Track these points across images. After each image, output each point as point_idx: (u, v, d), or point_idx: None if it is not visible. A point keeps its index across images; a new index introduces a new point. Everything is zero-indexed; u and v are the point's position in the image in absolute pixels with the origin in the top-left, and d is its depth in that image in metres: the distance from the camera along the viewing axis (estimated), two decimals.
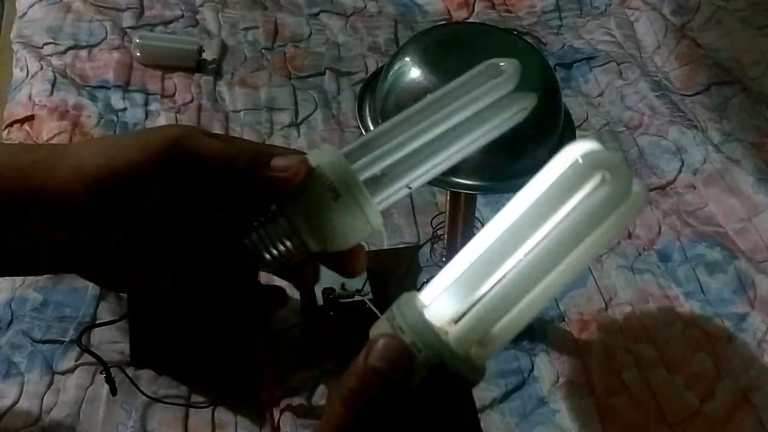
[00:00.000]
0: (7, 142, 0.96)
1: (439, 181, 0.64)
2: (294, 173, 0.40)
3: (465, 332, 0.37)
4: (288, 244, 0.41)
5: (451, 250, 0.76)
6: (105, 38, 1.13)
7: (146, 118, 1.02)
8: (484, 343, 0.38)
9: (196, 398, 0.72)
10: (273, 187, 0.40)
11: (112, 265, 0.42)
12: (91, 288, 0.79)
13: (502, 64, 0.45)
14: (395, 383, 0.37)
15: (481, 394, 0.74)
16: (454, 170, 0.63)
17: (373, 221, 0.42)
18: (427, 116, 0.43)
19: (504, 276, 0.38)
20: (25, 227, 0.39)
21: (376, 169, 0.42)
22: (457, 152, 0.44)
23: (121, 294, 0.79)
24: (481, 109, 0.44)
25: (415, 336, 0.37)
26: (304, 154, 0.41)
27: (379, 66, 0.80)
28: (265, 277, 0.48)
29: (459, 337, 0.37)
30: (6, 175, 0.39)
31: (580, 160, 0.37)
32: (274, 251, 0.42)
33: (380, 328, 0.39)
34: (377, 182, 0.42)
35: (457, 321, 0.38)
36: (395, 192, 0.43)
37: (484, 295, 0.38)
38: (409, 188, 0.43)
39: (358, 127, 0.68)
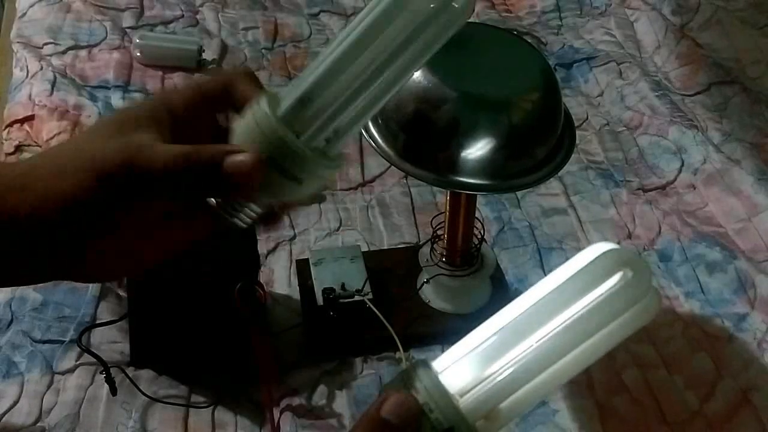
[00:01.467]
0: (8, 142, 0.96)
1: (439, 181, 0.64)
2: (251, 176, 0.40)
3: (476, 403, 0.39)
4: (254, 208, 0.43)
5: (451, 250, 0.76)
6: (105, 38, 1.13)
7: None
8: (491, 418, 0.40)
9: (196, 398, 0.72)
10: (232, 190, 0.41)
11: (99, 266, 0.42)
12: (91, 288, 0.79)
13: None
14: None
15: None
16: (454, 170, 0.63)
17: (321, 174, 0.41)
18: (347, 47, 0.41)
19: (518, 357, 0.39)
20: (5, 247, 0.39)
21: (327, 134, 0.41)
22: (394, 76, 0.41)
23: (120, 294, 0.79)
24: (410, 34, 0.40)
25: (429, 397, 0.39)
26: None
27: None
28: None
29: (470, 406, 0.39)
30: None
31: (605, 255, 0.39)
32: (246, 218, 0.43)
33: (394, 385, 0.41)
34: (315, 123, 0.41)
35: (467, 392, 0.39)
36: (344, 128, 0.42)
37: (497, 372, 0.39)
38: (357, 123, 0.42)
39: None
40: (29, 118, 0.99)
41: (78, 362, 0.73)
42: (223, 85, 0.42)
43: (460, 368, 0.40)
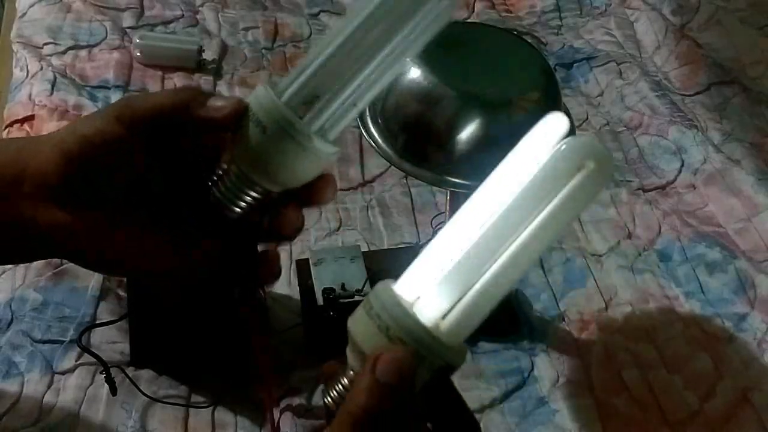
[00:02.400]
0: None
1: (439, 181, 0.64)
2: (229, 111, 0.40)
3: (459, 328, 0.38)
4: (247, 191, 0.41)
5: None
6: (105, 38, 1.13)
7: None
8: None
9: (196, 398, 0.72)
10: (211, 124, 0.41)
11: (105, 242, 0.42)
12: (91, 288, 0.79)
13: None
14: (405, 394, 0.37)
15: (481, 394, 0.74)
16: (454, 170, 0.63)
17: (317, 147, 0.40)
18: (347, 27, 0.40)
19: (488, 271, 0.38)
20: (15, 210, 0.41)
21: (305, 92, 0.40)
22: (390, 56, 0.41)
23: (120, 294, 0.79)
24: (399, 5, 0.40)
25: (418, 344, 0.37)
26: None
27: None
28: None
29: (453, 335, 0.38)
30: None
31: (564, 147, 0.38)
32: (240, 202, 0.42)
33: (371, 336, 0.39)
34: (313, 105, 0.41)
35: (445, 316, 0.38)
36: (340, 112, 0.41)
37: (472, 289, 0.38)
38: (355, 105, 0.41)
39: (358, 127, 0.68)
40: (29, 118, 0.99)
41: (78, 362, 0.73)
42: (174, 109, 0.42)
43: (432, 295, 0.38)
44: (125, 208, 0.42)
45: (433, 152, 0.63)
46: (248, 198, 0.42)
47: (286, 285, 0.82)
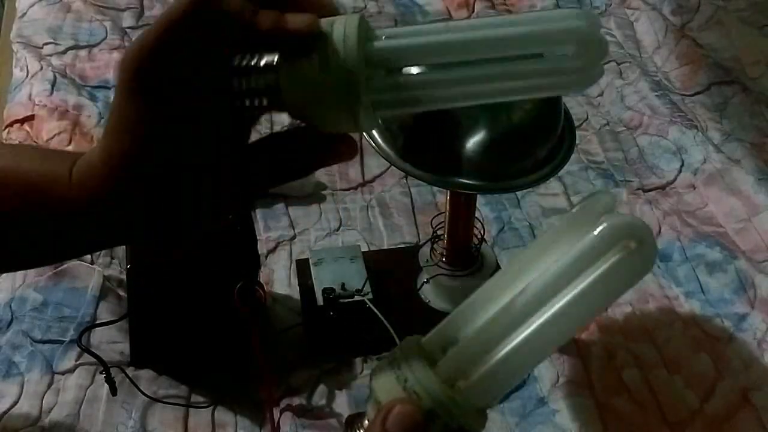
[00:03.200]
0: (7, 142, 0.96)
1: (439, 181, 0.64)
2: (306, 28, 0.36)
3: (479, 392, 0.38)
4: (269, 102, 0.38)
5: (451, 250, 0.76)
6: (105, 38, 1.13)
7: None
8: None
9: (196, 398, 0.72)
10: (282, 39, 0.37)
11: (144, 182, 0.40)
12: (91, 288, 0.79)
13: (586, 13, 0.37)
14: None
15: None
16: (454, 170, 0.63)
17: (360, 119, 0.36)
18: (480, 31, 0.36)
19: (518, 338, 0.38)
20: (61, 193, 0.40)
21: (394, 62, 0.36)
22: (492, 92, 0.37)
23: (120, 294, 0.79)
24: (545, 54, 0.37)
25: (434, 403, 0.37)
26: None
27: None
28: None
29: (472, 397, 0.38)
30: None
31: (609, 228, 0.37)
32: (255, 100, 0.38)
33: (389, 386, 0.38)
34: (390, 78, 0.37)
35: (466, 380, 0.38)
36: (406, 100, 0.38)
37: (495, 355, 0.38)
38: (420, 103, 0.38)
39: None
40: (29, 118, 0.99)
41: (78, 362, 0.73)
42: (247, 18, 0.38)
43: (455, 356, 0.38)
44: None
45: (433, 152, 0.63)
46: (263, 103, 0.38)
47: (286, 285, 0.82)
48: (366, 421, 0.40)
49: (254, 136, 0.43)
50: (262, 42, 0.38)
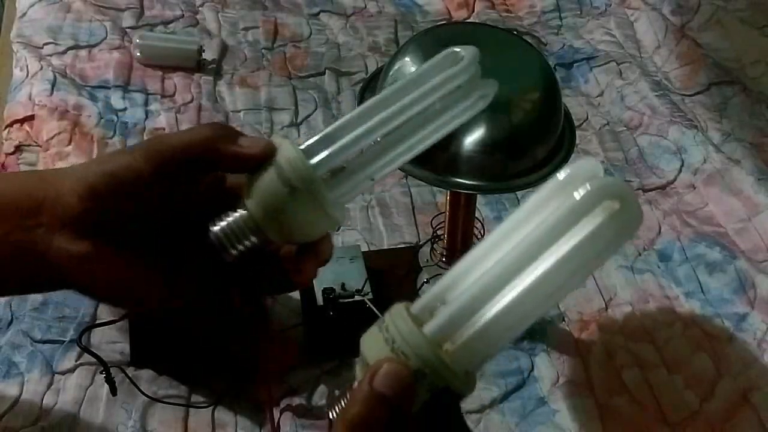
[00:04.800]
0: (8, 142, 0.96)
1: (439, 181, 0.64)
2: (258, 150, 0.42)
3: (466, 353, 0.38)
4: (250, 237, 0.43)
5: (451, 250, 0.76)
6: (105, 38, 1.13)
7: (146, 118, 1.02)
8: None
9: (196, 398, 0.72)
10: (240, 160, 0.43)
11: (115, 273, 0.43)
12: None
13: (458, 50, 0.45)
14: (401, 409, 0.37)
15: (481, 394, 0.74)
16: (454, 170, 0.63)
17: (332, 214, 0.42)
18: (386, 107, 0.43)
19: (505, 298, 0.38)
20: (31, 239, 0.42)
21: (334, 161, 0.42)
22: (418, 142, 0.44)
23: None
24: (440, 97, 0.44)
25: (421, 362, 0.37)
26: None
27: (379, 66, 0.80)
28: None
29: (459, 359, 0.38)
30: (13, 193, 0.43)
31: (588, 187, 0.37)
32: (239, 246, 0.43)
33: (377, 347, 0.39)
34: (338, 175, 0.43)
35: (454, 341, 0.38)
36: (357, 184, 0.43)
37: (482, 317, 0.38)
38: (372, 180, 0.44)
39: None
40: (29, 118, 0.99)
41: (78, 362, 0.73)
42: (203, 145, 0.43)
43: (443, 317, 0.38)
44: (138, 241, 0.43)
45: (433, 152, 0.62)
46: (248, 243, 0.43)
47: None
48: (355, 383, 0.40)
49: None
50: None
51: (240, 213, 0.43)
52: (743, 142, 1.01)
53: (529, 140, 0.64)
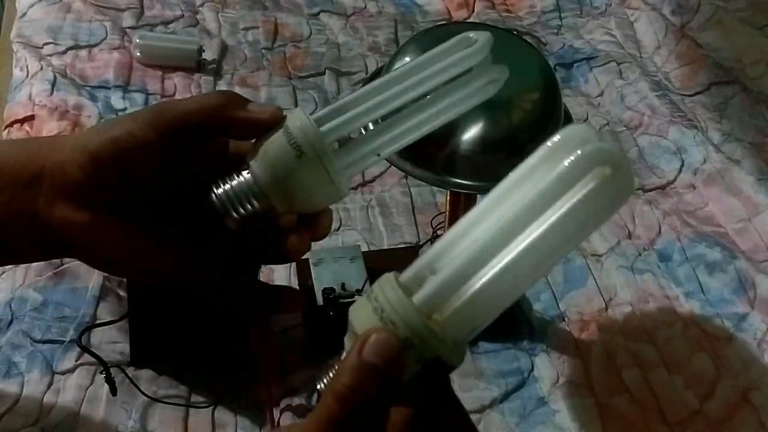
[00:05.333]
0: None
1: (439, 181, 0.64)
2: (268, 115, 0.42)
3: (456, 323, 0.37)
4: (252, 201, 0.42)
5: None
6: (105, 38, 1.13)
7: None
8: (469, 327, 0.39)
9: (196, 398, 0.72)
10: (250, 125, 0.42)
11: (116, 243, 0.42)
12: (91, 288, 0.79)
13: (472, 35, 0.45)
14: (390, 378, 0.37)
15: (481, 394, 0.74)
16: (454, 170, 0.63)
17: (338, 182, 0.42)
18: (397, 84, 0.43)
19: (495, 266, 0.37)
20: (31, 207, 0.41)
21: (343, 131, 0.42)
22: (426, 121, 0.44)
23: (121, 294, 0.79)
24: (450, 78, 0.44)
25: (410, 332, 0.37)
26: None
27: (379, 66, 0.80)
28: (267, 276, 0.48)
29: (449, 329, 0.37)
30: (12, 161, 0.42)
31: (582, 155, 0.36)
32: (241, 210, 0.42)
33: (366, 317, 0.38)
34: (345, 145, 0.43)
35: (443, 311, 0.37)
36: (364, 157, 0.43)
37: (472, 286, 0.37)
38: (378, 155, 0.44)
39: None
40: (29, 118, 0.99)
41: (78, 362, 0.73)
42: (212, 110, 0.43)
43: (433, 287, 0.37)
44: (138, 210, 0.43)
45: (433, 152, 0.63)
46: (250, 208, 0.42)
47: (287, 278, 0.82)
48: (343, 353, 0.40)
49: None
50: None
51: (244, 176, 0.42)
52: (743, 142, 1.01)
53: (529, 140, 0.64)
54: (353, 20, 1.22)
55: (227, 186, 0.42)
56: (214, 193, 0.42)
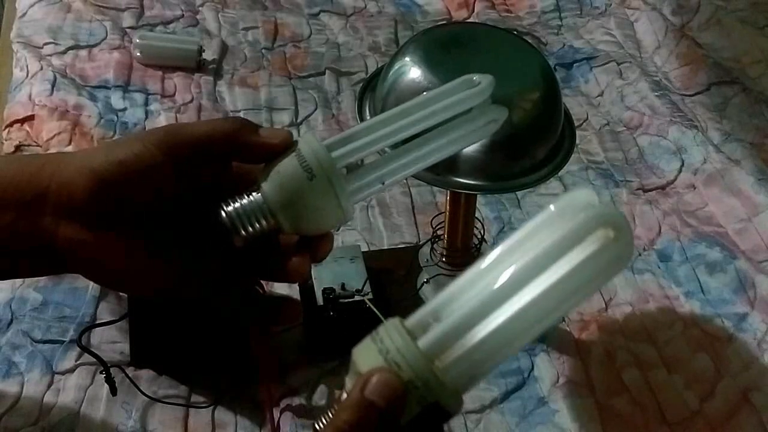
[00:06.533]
0: (8, 142, 0.96)
1: (439, 181, 0.64)
2: (280, 140, 0.43)
3: (456, 371, 0.38)
4: (261, 220, 0.43)
5: (452, 250, 0.76)
6: (105, 38, 1.13)
7: (146, 118, 1.02)
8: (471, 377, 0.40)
9: (196, 398, 0.72)
10: (261, 149, 0.43)
11: (121, 261, 0.43)
12: (91, 288, 0.79)
13: (475, 78, 0.48)
14: (390, 419, 0.37)
15: (481, 394, 0.74)
16: (454, 170, 0.63)
17: (345, 206, 0.43)
18: (404, 118, 0.46)
19: (497, 319, 0.38)
20: (35, 224, 0.42)
21: (351, 158, 0.44)
22: (428, 154, 0.47)
23: (121, 294, 0.79)
24: (453, 116, 0.47)
25: (413, 374, 0.38)
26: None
27: (379, 66, 0.80)
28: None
29: (449, 376, 0.38)
30: (16, 179, 0.42)
31: (586, 215, 0.38)
32: (249, 229, 0.43)
33: (370, 358, 0.39)
34: (353, 171, 0.45)
35: (444, 355, 0.38)
36: (369, 184, 0.45)
37: (476, 337, 0.38)
38: (382, 184, 0.45)
39: None
40: (29, 118, 0.99)
41: (78, 362, 0.73)
42: (225, 136, 0.43)
43: (437, 333, 0.39)
44: (144, 231, 0.43)
45: None
46: (258, 227, 0.43)
47: (286, 285, 0.82)
48: (344, 394, 0.40)
49: None
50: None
51: (254, 196, 0.43)
52: (743, 142, 1.01)
53: (529, 140, 0.64)
54: (353, 20, 1.22)
55: (237, 204, 0.43)
56: (224, 211, 0.43)
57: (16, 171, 0.43)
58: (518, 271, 0.38)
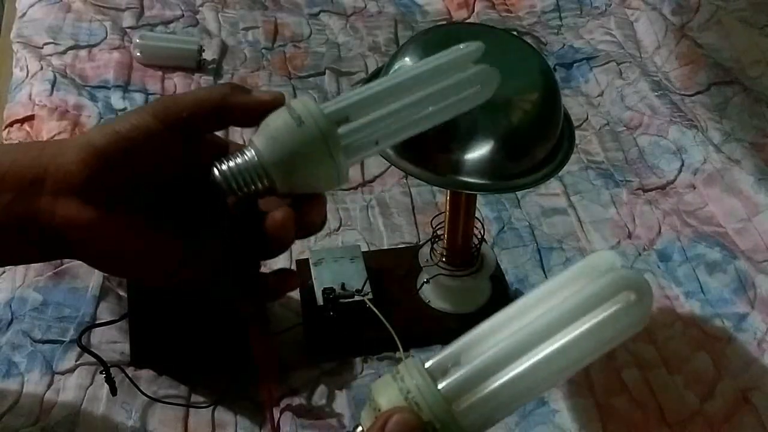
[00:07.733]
0: (8, 142, 0.96)
1: (439, 181, 0.64)
2: (271, 95, 0.44)
3: (473, 415, 0.39)
4: (254, 176, 0.43)
5: (452, 250, 0.76)
6: (105, 38, 1.13)
7: None
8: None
9: (196, 398, 0.72)
10: (254, 107, 0.44)
11: (120, 240, 0.43)
12: (91, 288, 0.79)
13: (462, 45, 0.49)
14: None
15: None
16: (454, 170, 0.63)
17: (337, 159, 0.43)
18: (397, 79, 0.47)
19: (516, 369, 0.40)
20: (34, 207, 0.42)
21: (343, 115, 0.44)
22: (419, 102, 0.46)
23: (120, 294, 0.79)
24: (448, 82, 0.48)
25: (433, 416, 0.39)
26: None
27: (379, 66, 0.80)
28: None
29: (466, 420, 0.39)
30: (16, 164, 0.42)
31: (612, 278, 0.40)
32: (243, 188, 0.43)
33: (391, 396, 0.40)
34: (344, 124, 0.45)
35: (464, 401, 0.40)
36: (362, 142, 0.45)
37: (495, 385, 0.40)
38: (377, 143, 0.45)
39: None
40: (29, 118, 0.99)
41: (78, 362, 0.73)
42: (220, 97, 0.44)
43: (459, 378, 0.40)
44: (144, 207, 0.43)
45: (433, 152, 0.63)
46: (251, 185, 0.43)
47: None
48: (360, 428, 0.41)
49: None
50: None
51: (247, 153, 0.43)
52: (743, 142, 1.01)
53: (529, 140, 0.64)
54: (353, 20, 1.22)
55: (230, 163, 0.43)
56: (216, 168, 0.43)
57: (17, 155, 0.43)
58: (538, 326, 0.40)
